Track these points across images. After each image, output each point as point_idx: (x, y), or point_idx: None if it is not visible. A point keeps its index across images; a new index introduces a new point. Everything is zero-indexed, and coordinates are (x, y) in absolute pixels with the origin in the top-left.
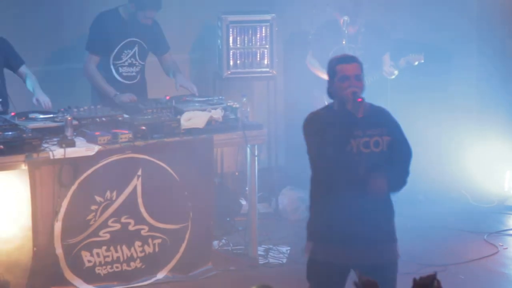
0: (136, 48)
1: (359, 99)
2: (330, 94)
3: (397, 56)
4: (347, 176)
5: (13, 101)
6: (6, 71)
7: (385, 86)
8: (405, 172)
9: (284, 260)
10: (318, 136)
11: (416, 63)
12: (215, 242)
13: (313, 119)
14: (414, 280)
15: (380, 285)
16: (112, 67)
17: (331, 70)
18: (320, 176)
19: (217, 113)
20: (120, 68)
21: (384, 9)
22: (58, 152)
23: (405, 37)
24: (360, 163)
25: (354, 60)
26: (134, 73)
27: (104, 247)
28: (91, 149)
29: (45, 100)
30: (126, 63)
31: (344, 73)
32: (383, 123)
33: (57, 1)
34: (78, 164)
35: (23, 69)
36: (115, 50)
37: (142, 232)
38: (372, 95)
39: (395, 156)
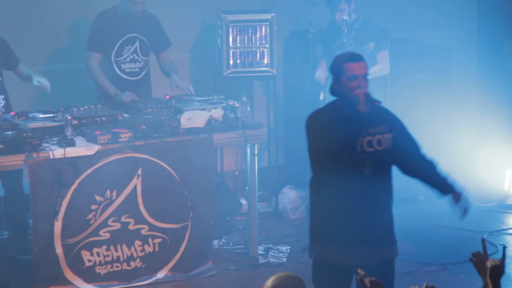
0: (137, 44)
1: (377, 103)
2: (334, 92)
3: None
4: (353, 175)
5: (12, 100)
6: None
7: (385, 84)
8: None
9: (284, 260)
10: (325, 135)
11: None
12: (215, 242)
13: (317, 118)
14: None
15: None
16: (114, 64)
17: (337, 68)
18: (326, 176)
19: (217, 113)
20: (122, 65)
21: (384, 8)
22: (58, 152)
23: (405, 35)
24: (364, 162)
25: (362, 58)
26: (137, 69)
27: (104, 247)
28: (91, 149)
29: (45, 82)
30: (128, 59)
31: (352, 72)
32: (382, 120)
33: (57, 1)
34: (78, 163)
35: (20, 67)
36: (116, 47)
37: (142, 232)
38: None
39: (404, 152)
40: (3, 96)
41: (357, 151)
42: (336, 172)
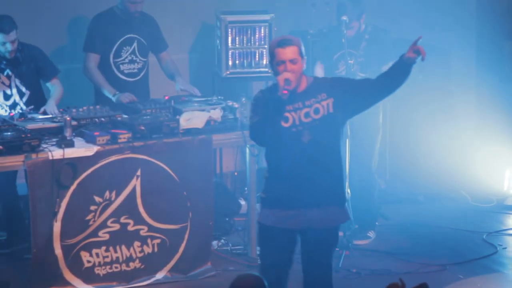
0: (135, 45)
1: (285, 91)
2: (274, 74)
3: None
4: (291, 146)
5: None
6: None
7: None
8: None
9: None
10: (261, 113)
11: None
12: (214, 242)
13: (258, 97)
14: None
15: (322, 249)
16: (113, 65)
17: (271, 52)
18: (268, 150)
19: (216, 113)
20: (121, 66)
21: (383, 8)
22: (57, 153)
23: (404, 36)
24: (302, 132)
25: (291, 43)
26: (136, 70)
27: (103, 247)
28: (90, 150)
29: (52, 114)
30: (127, 60)
31: (280, 57)
32: (321, 90)
33: (57, 1)
34: (77, 164)
35: (54, 81)
36: (114, 48)
37: (141, 232)
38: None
39: (362, 93)
40: (31, 107)
41: (295, 123)
42: (276, 145)
